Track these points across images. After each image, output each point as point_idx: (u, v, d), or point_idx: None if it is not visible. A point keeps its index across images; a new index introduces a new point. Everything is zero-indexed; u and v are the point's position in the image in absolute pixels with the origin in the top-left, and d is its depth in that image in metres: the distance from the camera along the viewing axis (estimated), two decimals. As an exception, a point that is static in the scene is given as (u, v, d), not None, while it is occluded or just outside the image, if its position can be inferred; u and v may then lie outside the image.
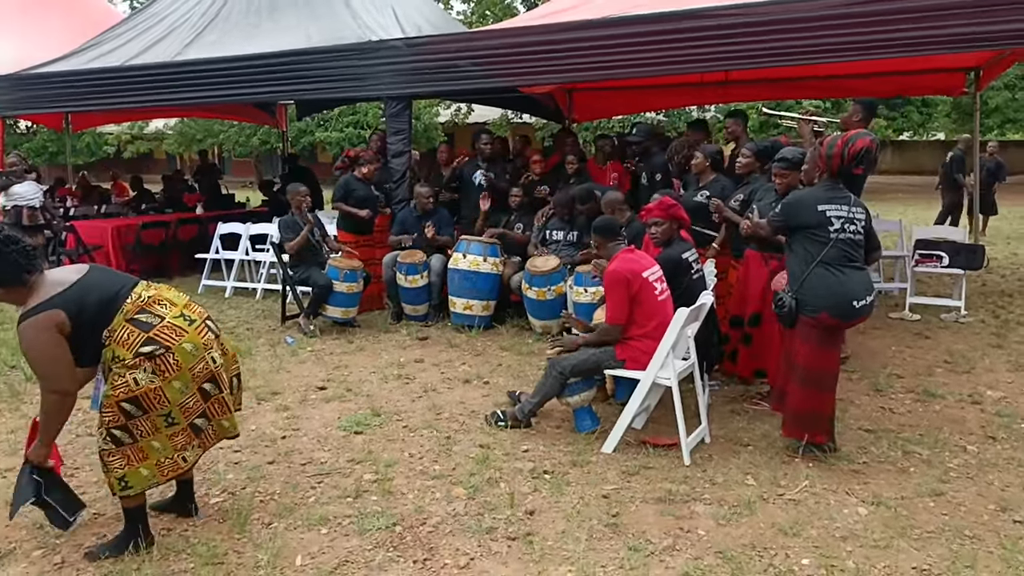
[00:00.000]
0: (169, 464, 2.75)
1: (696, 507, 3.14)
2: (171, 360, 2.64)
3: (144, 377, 2.61)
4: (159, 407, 2.66)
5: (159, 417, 2.68)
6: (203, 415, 2.80)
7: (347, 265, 5.99)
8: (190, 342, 2.70)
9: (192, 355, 2.70)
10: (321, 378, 4.91)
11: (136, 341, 2.62)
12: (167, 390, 2.65)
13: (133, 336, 2.63)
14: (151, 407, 2.65)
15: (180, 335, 2.68)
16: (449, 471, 3.49)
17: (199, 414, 2.78)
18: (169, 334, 2.67)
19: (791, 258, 3.61)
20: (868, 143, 3.47)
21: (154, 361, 2.62)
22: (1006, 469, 3.49)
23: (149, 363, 2.62)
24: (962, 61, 7.76)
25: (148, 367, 2.62)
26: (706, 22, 5.41)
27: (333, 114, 21.81)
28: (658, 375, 3.63)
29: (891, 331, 5.99)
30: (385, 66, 6.56)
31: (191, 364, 2.70)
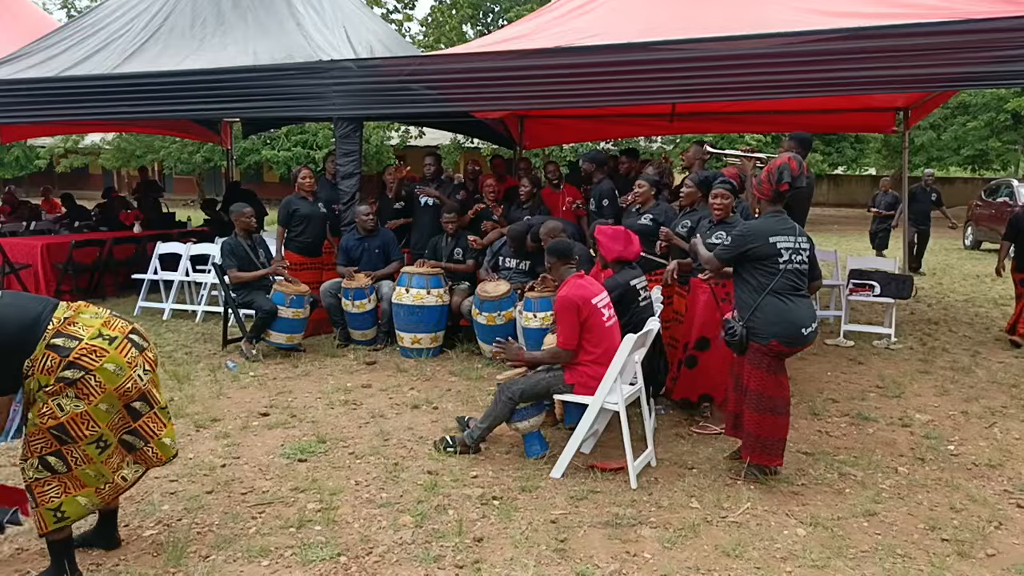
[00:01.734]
0: (109, 488, 2.64)
1: (642, 531, 3.17)
2: (93, 383, 2.55)
3: (68, 403, 2.51)
4: (87, 433, 2.55)
5: (89, 445, 2.57)
6: (133, 432, 2.70)
7: (293, 290, 5.87)
8: (112, 362, 2.59)
9: (117, 375, 2.60)
10: (264, 404, 4.79)
11: (56, 367, 2.52)
12: (94, 413, 2.55)
13: (53, 362, 2.52)
14: (79, 435, 2.54)
15: (101, 356, 2.58)
16: (396, 499, 3.44)
17: (127, 431, 2.68)
18: (90, 356, 2.56)
19: (741, 287, 3.70)
20: (786, 159, 3.65)
21: (76, 386, 2.52)
22: (934, 489, 3.65)
23: (71, 388, 2.52)
24: (893, 101, 8.22)
25: (71, 392, 2.52)
26: (654, 55, 5.56)
27: (280, 133, 21.52)
28: (606, 400, 3.67)
29: (827, 357, 6.21)
30: (335, 86, 6.51)
31: (117, 384, 2.60)
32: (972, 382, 5.49)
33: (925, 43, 4.99)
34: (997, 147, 20.82)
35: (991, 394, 5.20)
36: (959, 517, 3.34)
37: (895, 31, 5.07)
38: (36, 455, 2.54)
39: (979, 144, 20.70)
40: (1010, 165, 22.78)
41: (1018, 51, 4.80)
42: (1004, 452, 4.13)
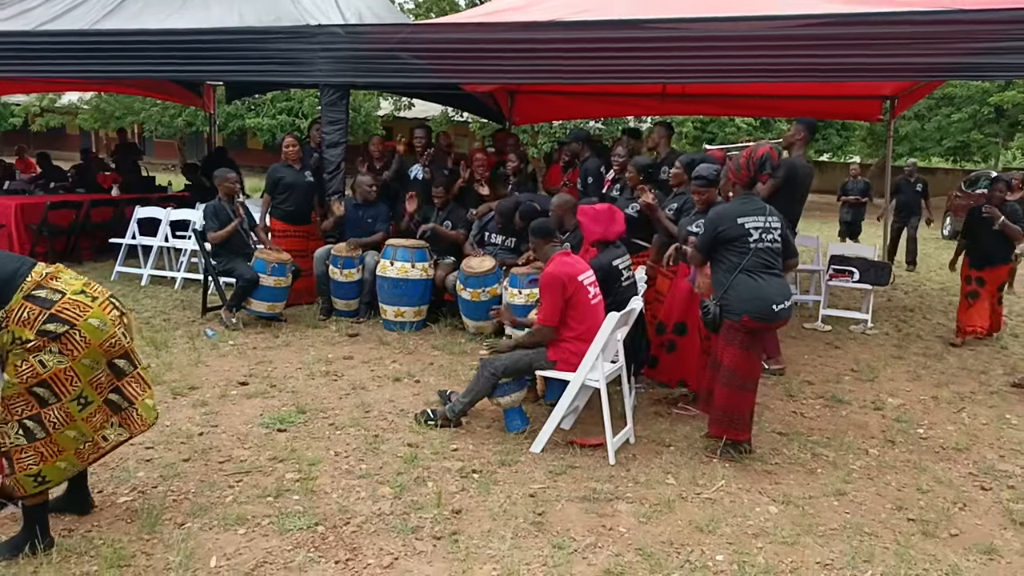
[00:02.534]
0: (90, 448, 2.62)
1: (619, 505, 3.22)
2: (78, 338, 2.51)
3: (51, 358, 2.47)
4: (71, 389, 2.52)
5: (71, 402, 2.54)
6: (117, 391, 2.68)
7: (275, 258, 5.82)
8: (96, 317, 2.56)
9: (100, 331, 2.56)
10: (243, 373, 4.76)
11: (37, 319, 2.46)
12: (78, 369, 2.53)
13: (33, 314, 2.47)
14: (63, 391, 2.51)
15: (85, 310, 2.54)
16: (376, 470, 3.46)
17: (112, 389, 2.66)
18: (73, 310, 2.52)
19: (716, 268, 3.79)
20: (768, 150, 3.76)
21: (60, 341, 2.48)
22: (902, 471, 3.74)
23: (55, 343, 2.47)
24: (880, 89, 8.25)
25: (54, 348, 2.47)
26: (645, 33, 5.52)
27: (266, 99, 21.17)
28: (587, 377, 3.71)
29: (804, 340, 6.30)
30: (322, 52, 6.38)
31: (100, 340, 2.57)
32: (943, 368, 5.60)
33: (915, 31, 5.01)
34: (979, 139, 21.04)
35: (961, 380, 5.31)
36: (925, 498, 3.43)
37: (886, 18, 5.08)
38: (16, 418, 2.51)
39: (961, 136, 20.89)
40: (991, 158, 23.03)
41: (1005, 43, 4.83)
42: (971, 436, 4.23)
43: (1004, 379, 5.34)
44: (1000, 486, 3.60)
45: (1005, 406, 4.77)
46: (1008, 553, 2.99)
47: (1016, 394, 5.01)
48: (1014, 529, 3.19)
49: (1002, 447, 4.10)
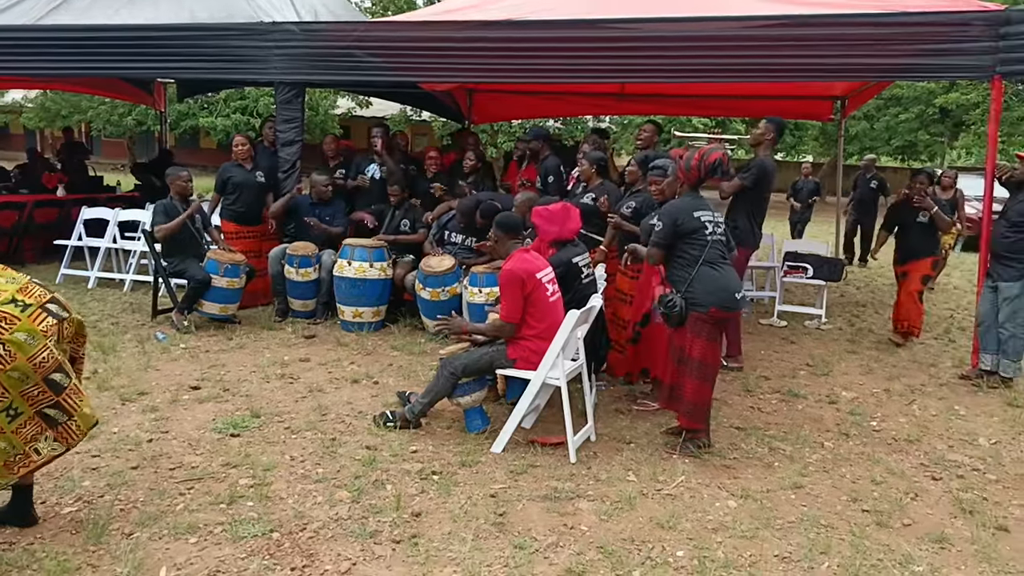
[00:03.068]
0: (20, 460, 2.50)
1: (580, 504, 3.21)
2: (2, 351, 2.41)
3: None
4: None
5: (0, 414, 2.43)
6: (55, 406, 2.56)
7: (228, 259, 5.67)
8: (24, 331, 2.45)
9: (28, 345, 2.46)
10: (195, 377, 4.63)
11: None
12: (4, 380, 2.42)
13: None
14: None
15: (12, 323, 2.44)
16: (333, 474, 3.38)
17: (49, 404, 2.54)
18: None
19: (673, 263, 3.82)
20: (720, 155, 3.80)
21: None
22: (857, 463, 3.81)
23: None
24: (831, 90, 8.45)
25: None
26: (603, 33, 5.56)
27: (219, 98, 20.73)
28: (548, 375, 3.69)
29: (761, 336, 6.40)
30: (277, 50, 6.28)
31: (28, 355, 2.46)
32: (895, 362, 5.75)
33: (863, 33, 5.15)
34: (925, 139, 21.76)
35: (911, 373, 5.45)
36: (879, 489, 3.50)
37: (836, 20, 5.22)
38: None
39: (908, 135, 21.59)
40: (937, 156, 23.83)
41: (947, 45, 4.99)
42: (922, 428, 4.34)
43: (953, 371, 5.49)
44: (950, 476, 3.70)
45: (954, 398, 4.91)
46: (958, 541, 3.06)
47: (964, 386, 5.15)
48: (964, 518, 3.27)
49: (951, 438, 4.21)
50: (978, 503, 3.39)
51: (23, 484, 2.75)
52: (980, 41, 4.92)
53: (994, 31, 4.87)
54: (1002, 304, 5.07)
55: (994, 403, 4.81)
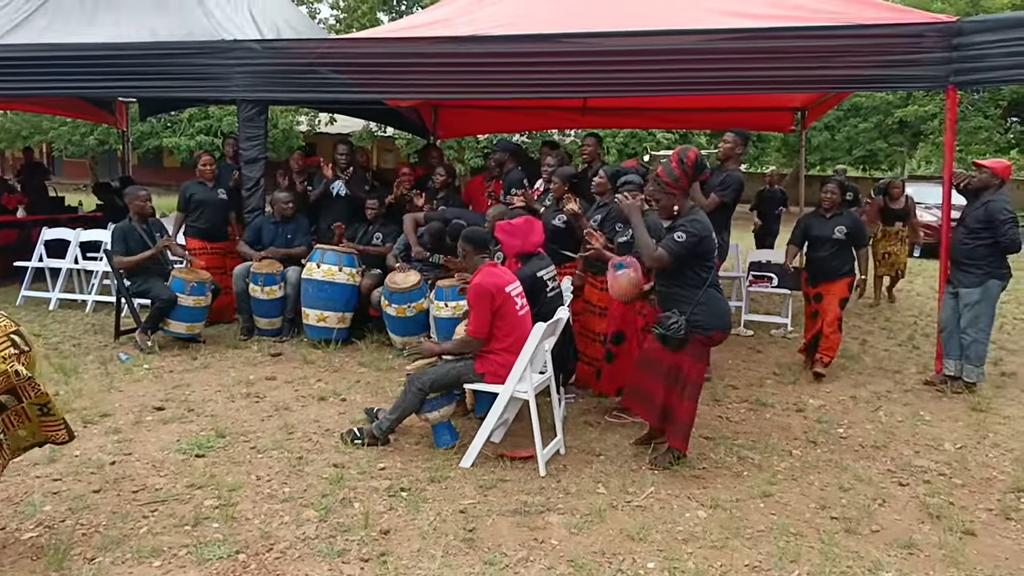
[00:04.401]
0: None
1: (550, 517, 3.19)
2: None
3: None
4: None
5: None
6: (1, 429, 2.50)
7: (194, 277, 5.59)
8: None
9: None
10: (159, 398, 4.54)
11: None
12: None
13: None
14: None
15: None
16: (300, 493, 3.33)
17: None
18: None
19: (676, 282, 3.64)
20: (696, 151, 3.71)
21: None
22: (825, 470, 3.84)
23: None
24: (791, 101, 8.62)
25: None
26: (565, 48, 5.60)
27: (183, 117, 20.51)
28: (516, 389, 3.68)
29: (728, 346, 6.41)
30: (239, 67, 6.24)
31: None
32: (860, 368, 5.83)
33: (820, 45, 5.26)
34: (885, 148, 22.31)
35: (877, 380, 5.53)
36: (847, 496, 3.53)
37: (793, 33, 5.32)
38: None
39: (869, 145, 22.10)
40: (897, 166, 24.43)
41: (903, 56, 5.12)
42: (888, 434, 4.39)
43: (917, 377, 5.57)
44: (916, 481, 3.74)
45: (919, 403, 4.97)
46: (926, 546, 3.09)
47: (928, 391, 5.23)
48: (931, 523, 3.30)
49: (917, 443, 4.26)
50: (945, 508, 3.43)
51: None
52: (933, 52, 5.03)
53: (947, 42, 4.99)
54: (963, 310, 5.16)
55: (958, 408, 4.90)
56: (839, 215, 5.52)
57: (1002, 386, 5.43)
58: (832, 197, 5.53)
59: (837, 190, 5.52)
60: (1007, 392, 5.28)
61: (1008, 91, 17.64)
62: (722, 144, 5.62)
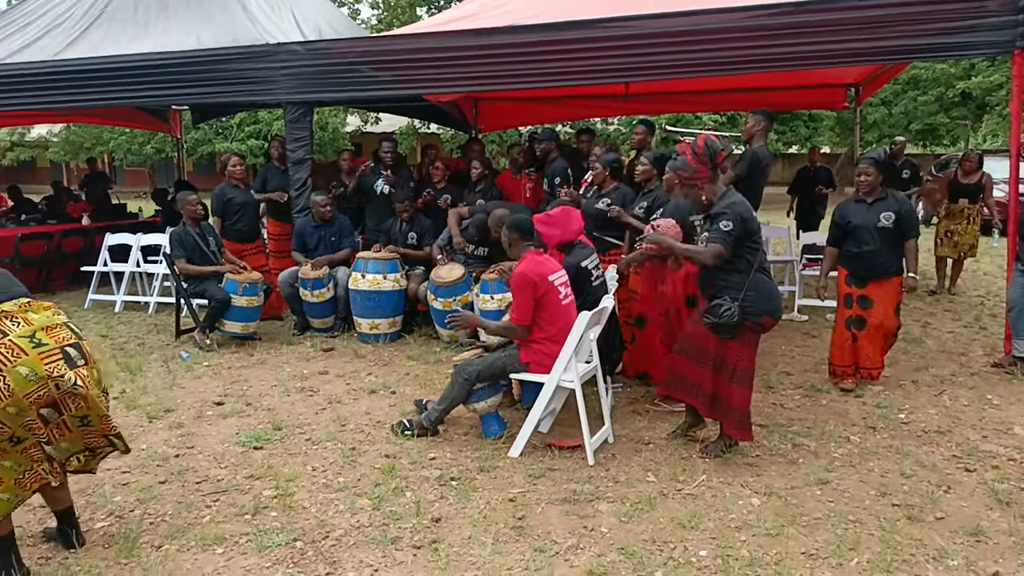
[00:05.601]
0: (30, 476, 2.54)
1: (600, 506, 3.19)
2: (1, 384, 2.40)
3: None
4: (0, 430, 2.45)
5: (3, 440, 2.47)
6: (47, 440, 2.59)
7: (246, 278, 5.77)
8: (27, 366, 2.44)
9: (28, 382, 2.44)
10: (218, 393, 4.70)
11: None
12: (2, 415, 2.43)
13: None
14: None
15: (17, 356, 2.43)
16: (353, 483, 3.40)
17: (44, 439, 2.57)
18: (5, 354, 2.42)
19: (725, 268, 3.51)
20: (704, 137, 3.59)
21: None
22: (885, 457, 3.72)
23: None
24: (843, 77, 8.32)
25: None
26: (605, 32, 5.53)
27: (233, 122, 21.06)
28: (562, 378, 3.67)
29: (781, 331, 6.30)
30: (283, 70, 6.37)
31: (26, 391, 2.44)
32: (922, 352, 5.62)
33: (873, 15, 5.03)
34: (946, 123, 21.29)
35: (940, 363, 5.32)
36: (909, 483, 3.41)
37: (843, 4, 5.10)
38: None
39: (928, 119, 21.11)
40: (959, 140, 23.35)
41: (964, 22, 4.85)
42: (952, 419, 4.22)
43: (984, 360, 5.34)
44: (984, 467, 3.58)
45: (986, 387, 4.76)
46: (995, 534, 2.97)
47: (996, 374, 5.00)
48: (1000, 509, 3.16)
49: (984, 428, 4.09)
50: (1015, 494, 3.28)
51: (62, 508, 2.81)
52: (998, 16, 4.78)
53: (1013, 4, 4.73)
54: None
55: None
56: (883, 198, 4.61)
57: (1076, 366, 5.16)
58: (868, 179, 4.61)
59: (872, 169, 4.60)
60: (1082, 373, 5.02)
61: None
62: (746, 124, 5.49)
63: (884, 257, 4.58)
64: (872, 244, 4.59)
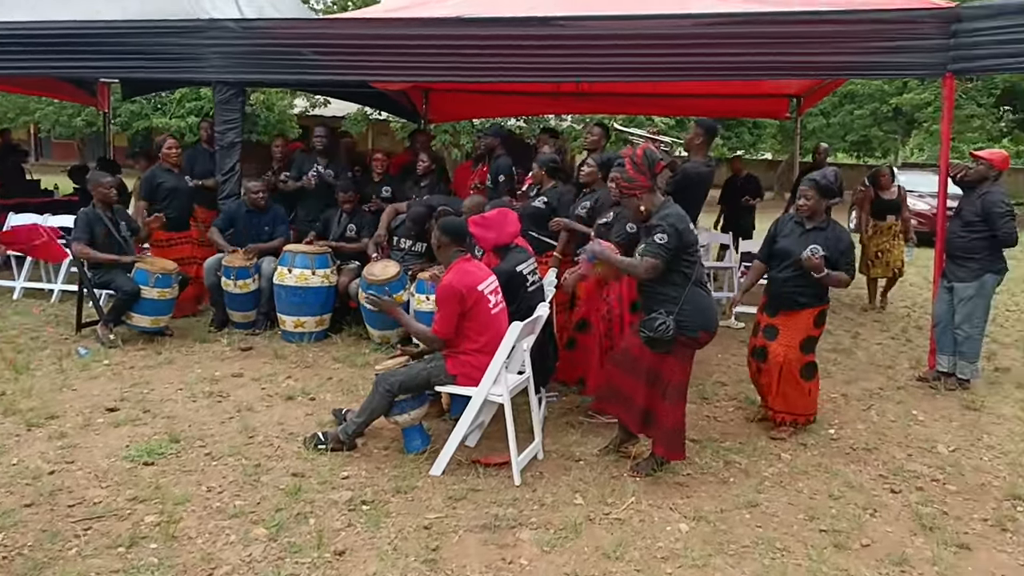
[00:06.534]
0: None
1: (521, 533, 2.99)
2: None
3: None
4: None
5: None
6: None
7: (159, 268, 5.33)
8: None
9: None
10: (114, 397, 4.30)
11: None
12: None
13: None
14: None
15: None
16: (252, 507, 3.10)
17: None
18: None
19: (660, 280, 3.40)
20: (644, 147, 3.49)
21: None
22: (814, 476, 3.65)
23: None
24: (786, 88, 8.40)
25: None
26: (557, 31, 5.38)
27: (173, 98, 20.09)
28: (490, 392, 3.47)
29: (718, 339, 6.10)
30: (214, 47, 5.99)
31: None
32: (852, 364, 5.64)
33: (817, 31, 5.07)
34: (879, 136, 22.11)
35: (869, 376, 5.34)
36: (837, 505, 3.35)
37: (789, 17, 5.13)
38: None
39: (863, 131, 21.93)
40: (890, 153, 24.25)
41: (901, 43, 4.93)
42: (879, 435, 4.21)
43: (910, 373, 5.39)
44: (909, 488, 3.56)
45: (912, 402, 4.79)
46: (919, 563, 2.91)
47: (922, 388, 5.05)
48: (924, 535, 3.12)
49: (909, 445, 4.09)
50: (939, 518, 3.26)
51: None
52: (932, 39, 4.85)
53: (946, 28, 4.80)
54: (958, 305, 4.99)
55: (952, 406, 4.72)
56: (821, 228, 4.02)
57: (996, 382, 5.26)
58: (807, 204, 4.01)
59: (812, 193, 3.99)
60: (1001, 389, 5.10)
61: (1001, 79, 17.40)
62: (686, 135, 5.44)
63: (798, 288, 4.03)
64: (789, 271, 4.05)
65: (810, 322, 4.08)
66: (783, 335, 4.09)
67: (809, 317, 4.07)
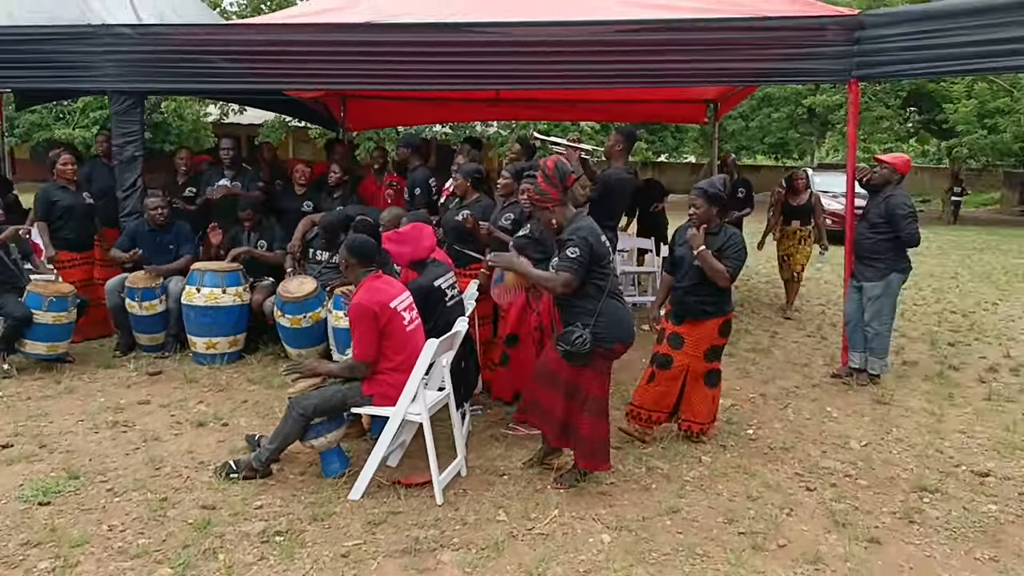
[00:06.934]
0: None
1: (443, 555, 2.92)
2: None
3: None
4: None
5: None
6: None
7: (53, 291, 4.98)
8: None
9: None
10: (7, 432, 4.00)
11: None
12: None
13: None
14: None
15: None
16: (157, 545, 2.92)
17: None
18: None
19: (576, 293, 3.37)
20: (555, 160, 3.49)
21: None
22: (733, 478, 3.72)
23: None
24: (704, 93, 8.60)
25: None
26: (472, 37, 5.32)
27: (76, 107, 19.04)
28: (408, 411, 3.38)
29: (640, 342, 6.19)
30: (109, 55, 5.66)
31: None
32: (770, 363, 5.80)
33: (724, 38, 5.16)
34: (796, 137, 23.08)
35: (786, 374, 5.50)
36: (755, 506, 3.41)
37: (700, 25, 5.20)
38: None
39: (780, 134, 22.83)
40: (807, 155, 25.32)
41: (807, 49, 5.07)
42: (796, 434, 4.33)
43: (825, 370, 5.58)
44: (823, 485, 3.66)
45: (826, 398, 4.96)
46: (832, 560, 2.99)
47: (835, 385, 5.23)
48: (837, 531, 3.21)
49: (824, 442, 4.21)
50: (851, 513, 3.36)
51: None
52: (836, 45, 5.01)
53: (849, 35, 4.97)
54: (866, 304, 5.20)
55: (863, 401, 4.91)
56: (715, 234, 3.98)
57: (904, 376, 5.50)
58: (696, 212, 3.95)
59: (701, 201, 3.93)
60: (909, 383, 5.35)
61: (907, 82, 18.42)
62: (606, 142, 5.47)
63: (698, 297, 4.01)
64: (688, 280, 4.05)
65: (715, 332, 4.07)
66: (688, 344, 4.08)
67: (714, 327, 4.05)
